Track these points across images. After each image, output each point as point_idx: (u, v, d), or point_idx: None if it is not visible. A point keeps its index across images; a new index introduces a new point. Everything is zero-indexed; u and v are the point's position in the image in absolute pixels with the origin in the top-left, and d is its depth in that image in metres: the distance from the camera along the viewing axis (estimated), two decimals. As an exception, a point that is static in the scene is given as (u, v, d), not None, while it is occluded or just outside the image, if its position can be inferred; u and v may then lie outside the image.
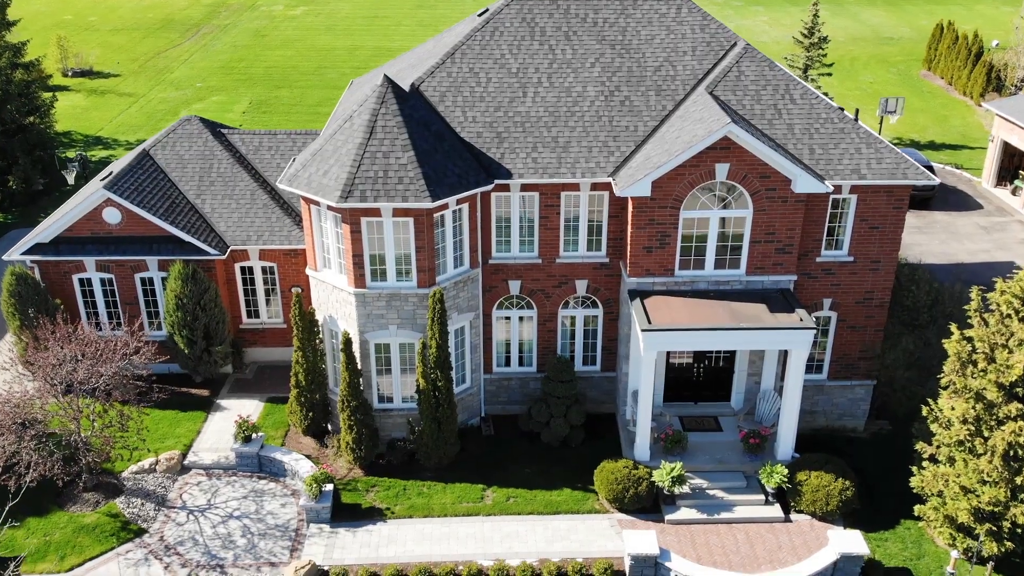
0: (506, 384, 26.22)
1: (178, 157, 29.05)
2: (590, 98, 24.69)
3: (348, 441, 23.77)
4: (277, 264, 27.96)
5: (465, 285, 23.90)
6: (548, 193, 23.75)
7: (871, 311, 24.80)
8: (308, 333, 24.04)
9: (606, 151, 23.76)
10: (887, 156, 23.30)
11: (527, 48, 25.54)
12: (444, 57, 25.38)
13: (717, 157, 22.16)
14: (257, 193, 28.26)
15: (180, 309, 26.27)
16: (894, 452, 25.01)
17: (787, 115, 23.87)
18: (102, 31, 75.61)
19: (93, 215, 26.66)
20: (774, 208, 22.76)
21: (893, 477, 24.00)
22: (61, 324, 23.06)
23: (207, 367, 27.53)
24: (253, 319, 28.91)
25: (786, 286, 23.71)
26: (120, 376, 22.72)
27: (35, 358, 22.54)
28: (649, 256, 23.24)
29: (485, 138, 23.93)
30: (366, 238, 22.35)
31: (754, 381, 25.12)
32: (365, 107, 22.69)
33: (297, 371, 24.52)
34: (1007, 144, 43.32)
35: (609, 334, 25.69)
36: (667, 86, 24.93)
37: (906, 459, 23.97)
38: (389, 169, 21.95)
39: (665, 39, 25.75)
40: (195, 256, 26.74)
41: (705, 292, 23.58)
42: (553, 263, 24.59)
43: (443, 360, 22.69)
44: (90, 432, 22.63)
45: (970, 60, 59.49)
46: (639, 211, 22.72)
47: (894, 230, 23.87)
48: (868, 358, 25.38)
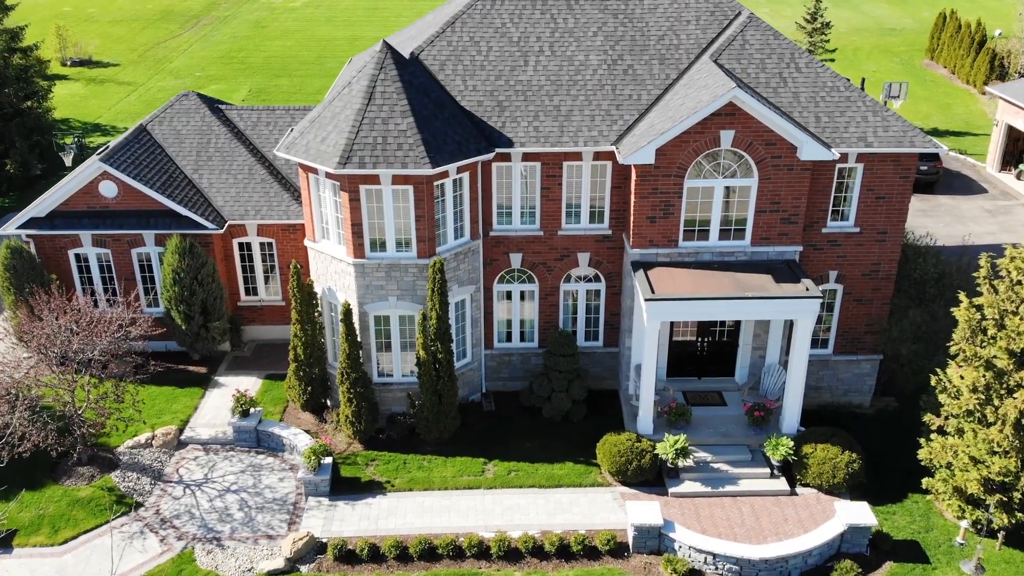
0: (507, 360, 25.86)
1: (175, 132, 28.72)
2: (592, 67, 24.35)
3: (347, 415, 23.41)
4: (275, 240, 27.61)
5: (466, 257, 23.55)
6: (550, 163, 23.40)
7: (877, 283, 24.44)
8: (307, 306, 23.69)
9: (609, 120, 23.41)
10: (894, 124, 22.95)
11: (528, 17, 25.19)
12: (444, 26, 25.04)
13: (722, 123, 21.81)
14: (255, 168, 27.92)
15: (177, 284, 25.93)
16: (901, 428, 24.65)
17: (792, 83, 23.52)
18: (101, 22, 75.31)
19: (89, 188, 26.32)
20: (780, 176, 22.40)
21: (900, 452, 23.63)
22: (56, 295, 22.71)
23: (205, 344, 27.18)
24: (251, 296, 28.56)
25: (791, 257, 23.34)
26: (116, 349, 22.37)
27: (29, 328, 22.19)
28: (652, 226, 22.88)
29: (486, 107, 23.58)
30: (365, 207, 22.00)
31: (759, 355, 24.76)
32: (364, 73, 22.35)
33: (296, 344, 24.17)
34: (1011, 128, 42.97)
35: (612, 308, 25.34)
36: (671, 55, 24.59)
37: (913, 435, 23.59)
38: (388, 135, 21.61)
39: (668, 8, 25.40)
40: (192, 230, 26.39)
41: (709, 263, 23.23)
42: (555, 235, 24.24)
43: (443, 332, 22.35)
44: (85, 403, 22.28)
45: (973, 49, 59.16)
46: (642, 180, 22.37)
47: (901, 200, 23.51)
48: (874, 332, 25.01)
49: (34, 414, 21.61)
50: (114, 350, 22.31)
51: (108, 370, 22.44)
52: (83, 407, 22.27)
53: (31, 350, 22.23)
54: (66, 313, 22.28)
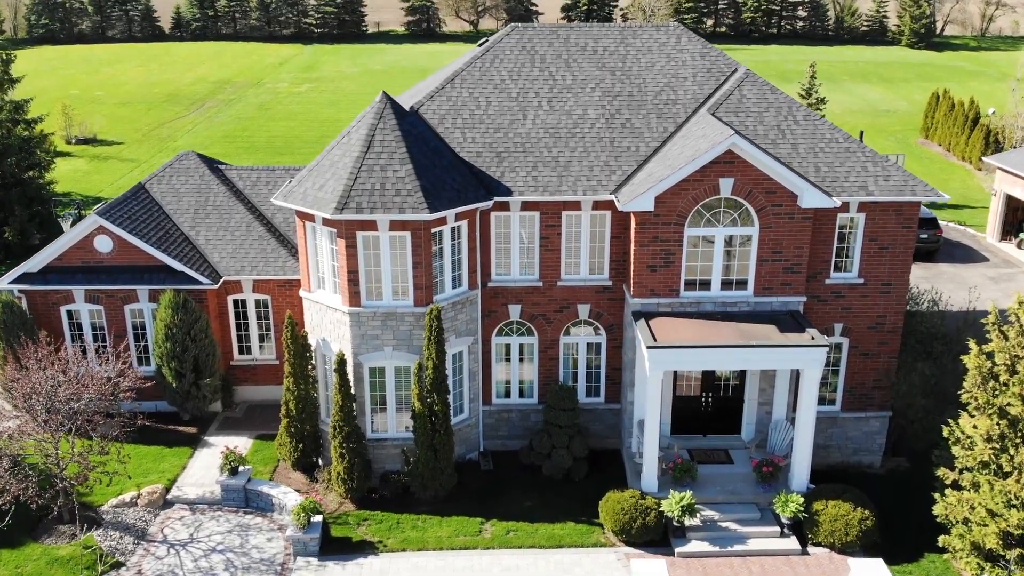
0: (506, 416, 25.16)
1: (174, 190, 28.68)
2: (591, 120, 24.42)
3: (339, 471, 22.59)
4: (271, 297, 27.24)
5: (464, 307, 23.13)
6: (549, 212, 23.22)
7: (884, 337, 23.95)
8: (300, 359, 23.15)
9: (608, 170, 23.33)
10: (894, 174, 22.85)
11: (527, 74, 25.41)
12: (443, 83, 25.24)
13: (721, 171, 21.70)
14: (253, 225, 27.75)
15: (169, 339, 25.42)
16: (913, 488, 23.74)
17: (791, 135, 23.54)
18: (108, 104, 76.73)
19: (84, 243, 26.09)
20: (781, 225, 22.17)
21: (913, 511, 22.71)
22: (44, 343, 22.19)
23: (195, 403, 26.49)
24: (245, 355, 28.01)
25: (795, 308, 22.92)
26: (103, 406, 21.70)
27: (14, 378, 21.57)
28: (653, 275, 22.53)
29: (484, 158, 23.54)
30: (362, 254, 21.70)
31: (765, 411, 24.07)
32: (363, 122, 22.38)
33: (288, 399, 23.52)
34: (1010, 197, 43.10)
35: (613, 363, 24.77)
36: (668, 109, 24.69)
37: (927, 494, 22.65)
38: (387, 181, 21.47)
39: (665, 66, 25.65)
40: (187, 285, 26.03)
41: (712, 314, 22.79)
42: (554, 286, 23.87)
43: (440, 382, 21.75)
44: (69, 455, 21.50)
45: (967, 126, 60.01)
46: (642, 228, 22.13)
47: (904, 251, 23.23)
48: (883, 387, 24.39)
49: (15, 466, 20.83)
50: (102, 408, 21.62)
51: (94, 424, 21.70)
52: (66, 459, 21.48)
53: (15, 401, 21.56)
54: (53, 364, 21.71)
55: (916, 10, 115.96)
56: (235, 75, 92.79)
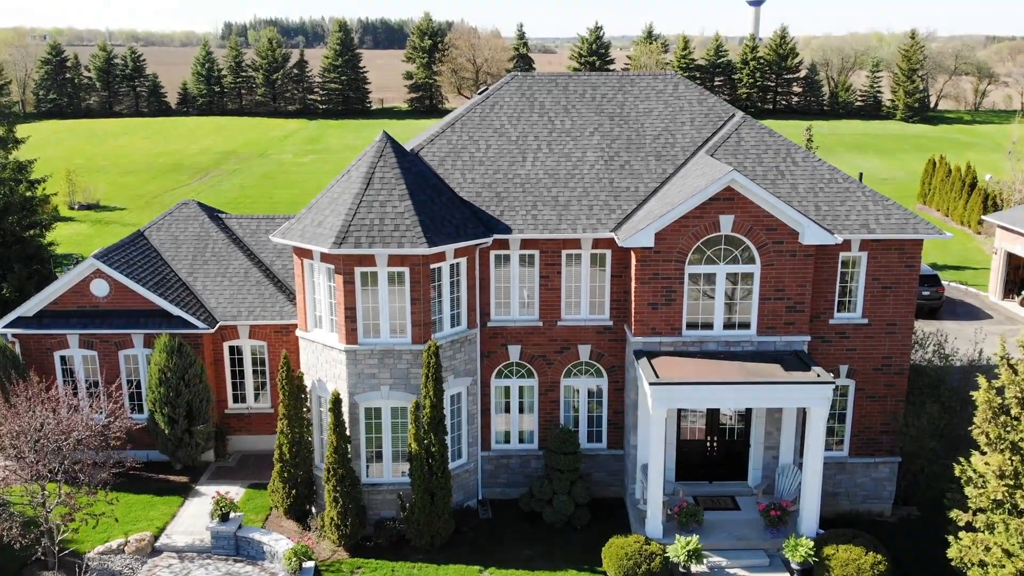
0: (505, 463, 24.52)
1: (173, 238, 28.61)
2: (590, 162, 24.47)
3: (332, 517, 21.89)
4: (268, 343, 26.89)
5: (462, 346, 22.76)
6: (548, 251, 23.06)
7: (891, 379, 23.50)
8: (295, 400, 22.68)
9: (607, 209, 23.26)
10: (895, 212, 22.76)
11: (526, 119, 25.59)
12: (443, 127, 25.40)
13: (721, 208, 21.61)
14: (251, 271, 27.58)
15: (163, 384, 24.98)
16: (926, 538, 22.92)
17: (790, 176, 23.53)
18: (112, 172, 77.59)
19: (80, 287, 25.89)
20: (782, 262, 21.98)
21: (927, 561, 21.85)
22: (34, 383, 21.75)
23: (188, 451, 25.87)
24: (239, 404, 27.51)
25: (800, 348, 22.55)
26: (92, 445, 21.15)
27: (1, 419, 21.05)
28: (655, 314, 22.23)
29: (484, 197, 23.50)
30: (359, 290, 21.46)
31: (772, 456, 23.45)
32: (363, 160, 22.40)
33: (281, 443, 22.95)
34: (1011, 255, 43.04)
35: (615, 406, 24.26)
36: (667, 152, 24.77)
37: (940, 544, 21.80)
38: (385, 217, 21.37)
39: (663, 112, 25.85)
40: (183, 330, 25.71)
41: (715, 353, 22.41)
42: (554, 326, 23.54)
43: (438, 422, 21.25)
44: (56, 495, 20.82)
45: (964, 190, 60.45)
46: (642, 265, 21.93)
47: (908, 290, 22.98)
48: (891, 431, 23.82)
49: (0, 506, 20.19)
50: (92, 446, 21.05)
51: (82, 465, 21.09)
52: (53, 499, 20.81)
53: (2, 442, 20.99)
54: (42, 403, 21.22)
55: (910, 85, 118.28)
56: (240, 147, 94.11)
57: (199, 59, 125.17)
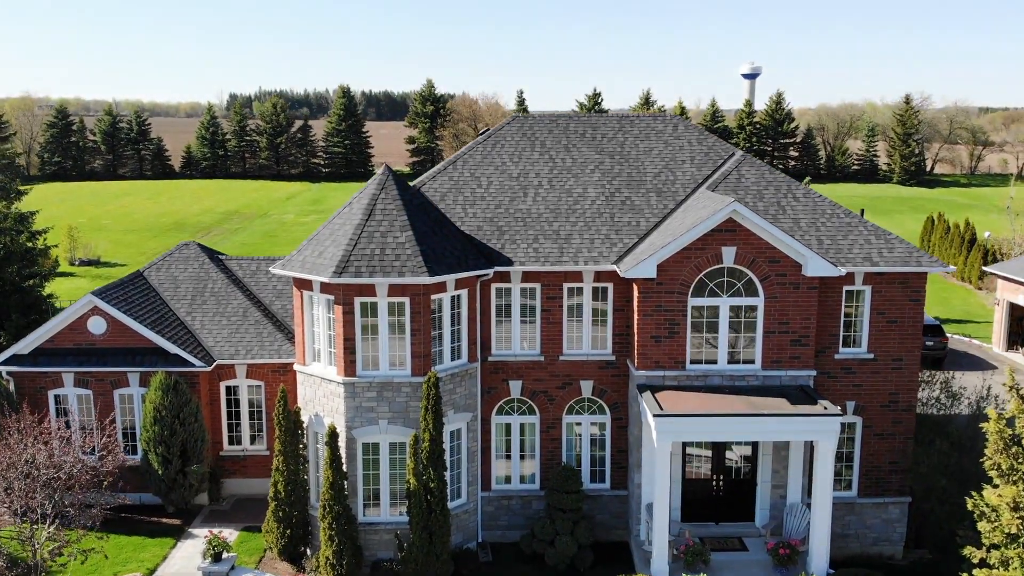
0: (506, 504, 23.93)
1: (172, 278, 28.47)
2: (591, 198, 24.48)
3: (328, 556, 21.23)
4: (265, 383, 26.51)
5: (463, 380, 22.41)
6: (550, 284, 22.89)
7: (898, 416, 23.09)
8: (291, 436, 22.24)
9: (608, 243, 23.17)
10: (898, 246, 22.66)
11: (527, 157, 25.70)
12: (445, 164, 25.49)
13: (723, 240, 21.51)
14: (250, 311, 27.37)
15: (158, 422, 24.53)
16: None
17: (791, 211, 23.51)
18: (114, 231, 77.91)
19: (77, 325, 25.63)
20: (786, 295, 21.78)
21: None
22: (26, 415, 21.33)
23: (181, 492, 25.26)
24: (235, 446, 27.00)
25: (805, 382, 22.19)
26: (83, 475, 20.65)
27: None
28: (658, 347, 21.94)
29: (485, 231, 23.44)
30: (359, 321, 21.21)
31: (779, 495, 22.89)
32: (365, 193, 22.39)
33: (276, 480, 22.41)
34: (1013, 306, 42.85)
35: (618, 444, 23.78)
36: (667, 189, 24.80)
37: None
38: (386, 247, 21.26)
39: (663, 150, 25.97)
40: (179, 368, 25.37)
41: (719, 388, 22.05)
42: (556, 361, 23.23)
43: (437, 456, 20.78)
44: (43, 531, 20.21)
45: (964, 246, 60.60)
46: (645, 297, 21.73)
47: (913, 324, 22.73)
48: (900, 470, 23.30)
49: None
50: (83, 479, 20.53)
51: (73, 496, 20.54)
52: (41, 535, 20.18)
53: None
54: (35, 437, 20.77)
55: (905, 149, 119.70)
56: (242, 207, 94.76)
57: (204, 123, 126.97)
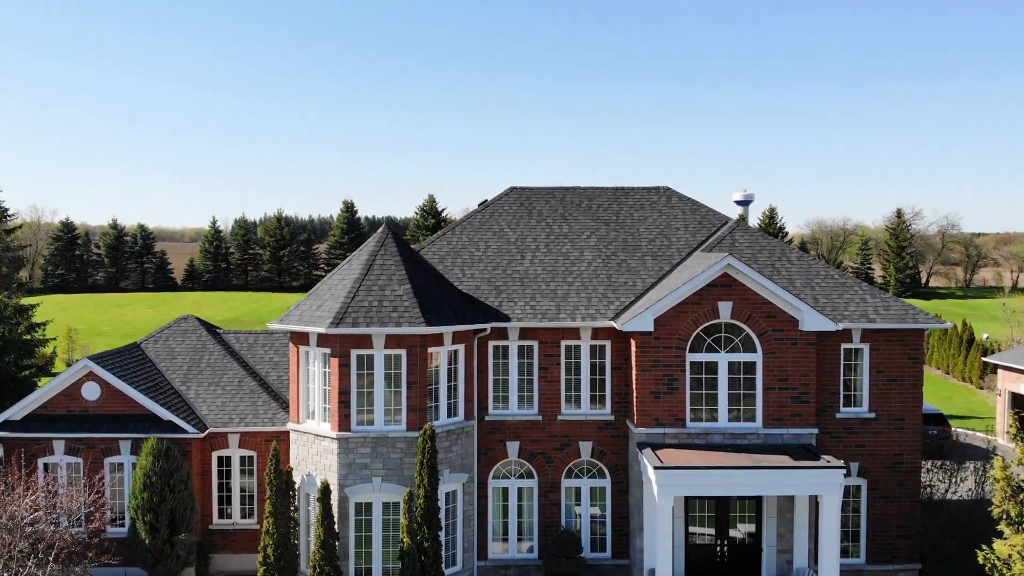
0: (503, 574, 23.11)
1: (169, 349, 28.38)
2: (587, 260, 24.75)
3: (318, 620, 20.39)
4: (257, 453, 26.00)
5: (459, 438, 22.05)
6: (547, 342, 22.85)
7: (903, 477, 22.63)
8: (282, 497, 21.65)
9: (605, 301, 23.27)
10: (894, 305, 22.77)
11: (525, 224, 26.13)
12: (443, 232, 25.89)
13: (719, 295, 21.63)
14: (245, 380, 27.15)
15: (147, 489, 23.90)
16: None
17: (786, 272, 23.73)
18: (113, 336, 77.98)
19: (71, 391, 25.36)
20: (784, 350, 21.72)
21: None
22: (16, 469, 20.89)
23: (168, 564, 24.36)
24: (224, 520, 26.26)
25: (807, 441, 21.85)
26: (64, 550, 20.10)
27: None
28: (657, 403, 21.72)
29: (483, 291, 23.59)
30: (355, 374, 21.07)
31: (785, 560, 22.16)
32: (364, 249, 22.67)
33: (266, 544, 21.67)
34: (1016, 396, 42.49)
35: (619, 511, 23.18)
36: (663, 253, 25.11)
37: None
38: (384, 299, 21.35)
39: (658, 219, 26.43)
40: (172, 434, 24.96)
41: (721, 446, 21.69)
42: (554, 420, 22.93)
43: (432, 514, 20.23)
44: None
45: (963, 347, 60.60)
46: (643, 352, 21.67)
47: (914, 383, 22.59)
48: (908, 535, 22.65)
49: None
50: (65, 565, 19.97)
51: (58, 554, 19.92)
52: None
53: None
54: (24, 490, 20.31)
55: (899, 261, 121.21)
56: (243, 315, 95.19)
57: (208, 236, 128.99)
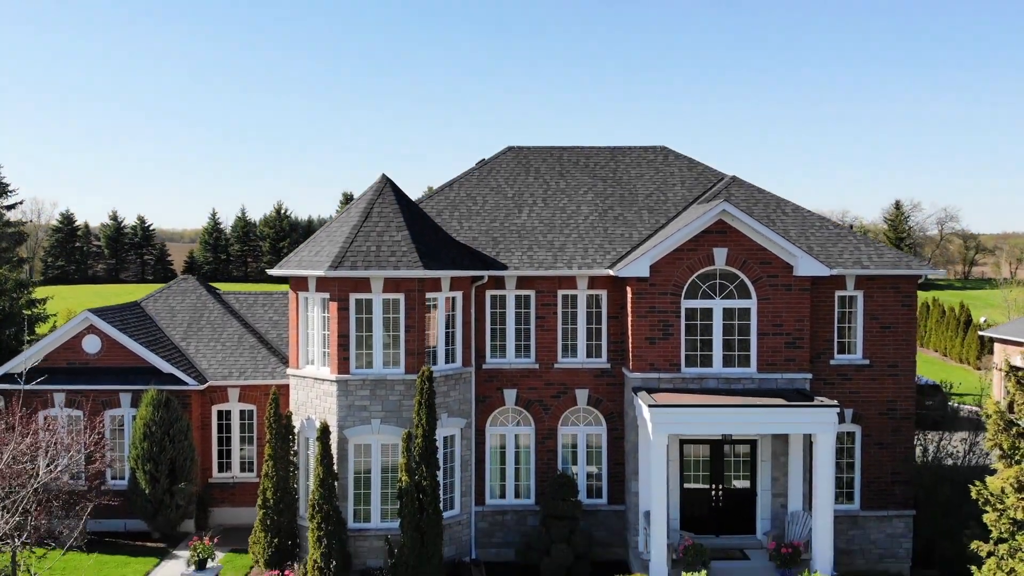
0: (500, 520, 23.32)
1: (169, 308, 28.62)
2: (584, 214, 24.96)
3: (315, 559, 20.57)
4: (257, 408, 26.26)
5: (456, 383, 22.26)
6: (544, 291, 23.06)
7: (897, 424, 22.84)
8: (282, 441, 21.88)
9: (602, 251, 23.49)
10: (888, 252, 22.99)
11: (522, 181, 26.34)
12: (441, 187, 26.10)
13: (714, 241, 21.84)
14: (245, 336, 27.39)
15: (147, 438, 24.17)
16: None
17: (781, 223, 23.92)
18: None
19: (72, 344, 25.64)
20: (778, 296, 21.93)
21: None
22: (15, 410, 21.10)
23: (167, 515, 24.60)
24: (225, 473, 26.51)
25: (801, 386, 22.05)
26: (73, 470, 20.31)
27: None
28: (652, 348, 21.93)
29: (481, 242, 23.80)
30: (353, 318, 21.26)
31: (780, 504, 22.36)
32: (362, 199, 22.87)
33: (265, 487, 21.89)
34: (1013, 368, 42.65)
35: (615, 457, 23.39)
36: (659, 207, 25.32)
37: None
38: (382, 244, 21.56)
39: (655, 176, 26.65)
40: (172, 387, 25.18)
41: (715, 390, 21.90)
42: (551, 369, 23.13)
43: (430, 454, 20.43)
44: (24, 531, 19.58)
45: (960, 329, 60.79)
46: (638, 298, 21.87)
47: (907, 330, 22.80)
48: (903, 481, 22.85)
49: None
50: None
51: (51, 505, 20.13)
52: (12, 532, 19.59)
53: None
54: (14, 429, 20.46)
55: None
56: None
57: (208, 228, 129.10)
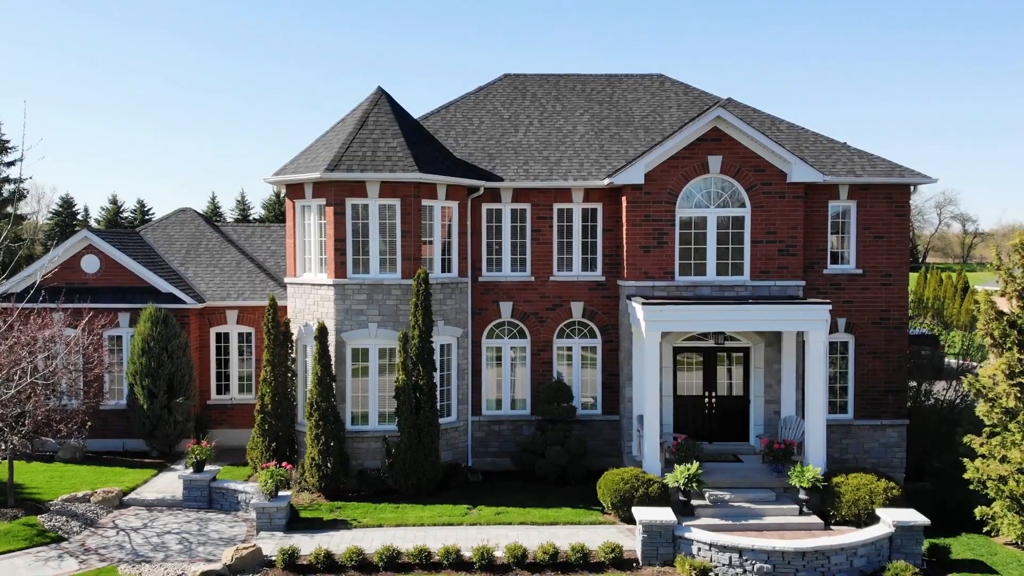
0: (496, 430, 23.51)
1: (167, 236, 28.80)
2: (580, 133, 25.14)
3: (313, 457, 20.77)
4: (255, 331, 26.45)
5: (453, 292, 22.43)
6: (540, 204, 23.23)
7: (890, 333, 23.02)
8: (280, 347, 22.08)
9: (597, 166, 23.65)
10: (881, 163, 23.16)
11: (519, 104, 26.51)
12: (436, 109, 26.25)
13: (709, 148, 22.01)
14: (243, 262, 27.58)
15: (146, 354, 24.36)
16: (941, 510, 20.94)
17: (775, 138, 24.07)
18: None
19: (71, 263, 25.81)
20: (772, 204, 22.11)
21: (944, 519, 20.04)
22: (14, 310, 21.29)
23: (166, 431, 24.79)
24: (223, 395, 26.70)
25: (794, 293, 22.23)
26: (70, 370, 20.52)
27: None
28: (647, 257, 22.10)
29: (477, 158, 23.97)
30: (350, 223, 21.44)
31: (773, 411, 22.55)
32: (357, 109, 23.05)
33: (264, 393, 22.09)
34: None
35: (609, 369, 23.57)
36: (655, 127, 25.48)
37: (956, 512, 20.37)
38: (378, 150, 21.73)
39: (651, 100, 26.81)
40: (171, 305, 25.37)
41: (709, 298, 22.06)
42: (547, 282, 23.31)
43: (427, 354, 20.63)
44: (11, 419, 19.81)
45: (957, 295, 61.00)
46: (633, 206, 22.05)
47: (900, 240, 22.97)
48: (897, 391, 23.04)
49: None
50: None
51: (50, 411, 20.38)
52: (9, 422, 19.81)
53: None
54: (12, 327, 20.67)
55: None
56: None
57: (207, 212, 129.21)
